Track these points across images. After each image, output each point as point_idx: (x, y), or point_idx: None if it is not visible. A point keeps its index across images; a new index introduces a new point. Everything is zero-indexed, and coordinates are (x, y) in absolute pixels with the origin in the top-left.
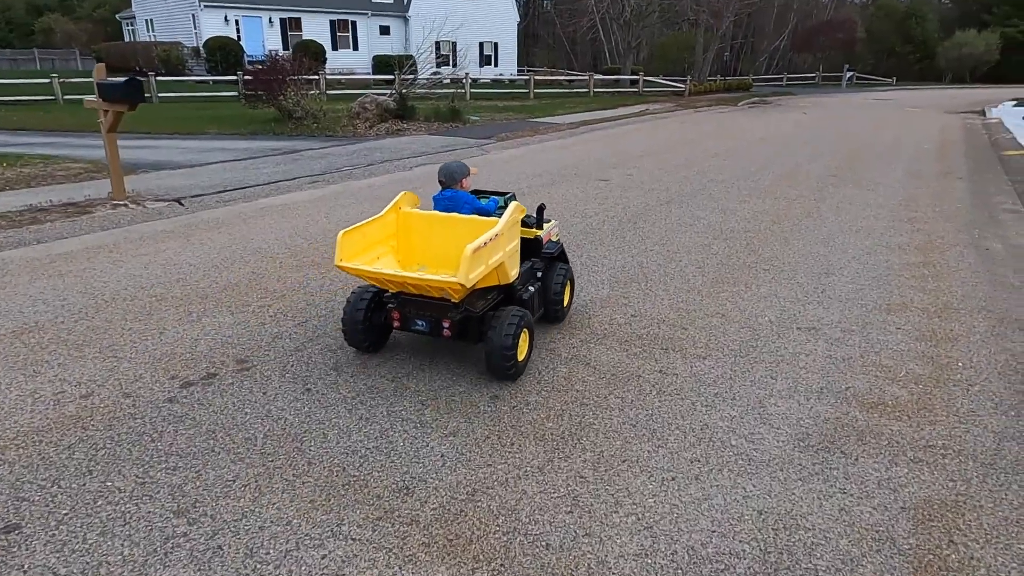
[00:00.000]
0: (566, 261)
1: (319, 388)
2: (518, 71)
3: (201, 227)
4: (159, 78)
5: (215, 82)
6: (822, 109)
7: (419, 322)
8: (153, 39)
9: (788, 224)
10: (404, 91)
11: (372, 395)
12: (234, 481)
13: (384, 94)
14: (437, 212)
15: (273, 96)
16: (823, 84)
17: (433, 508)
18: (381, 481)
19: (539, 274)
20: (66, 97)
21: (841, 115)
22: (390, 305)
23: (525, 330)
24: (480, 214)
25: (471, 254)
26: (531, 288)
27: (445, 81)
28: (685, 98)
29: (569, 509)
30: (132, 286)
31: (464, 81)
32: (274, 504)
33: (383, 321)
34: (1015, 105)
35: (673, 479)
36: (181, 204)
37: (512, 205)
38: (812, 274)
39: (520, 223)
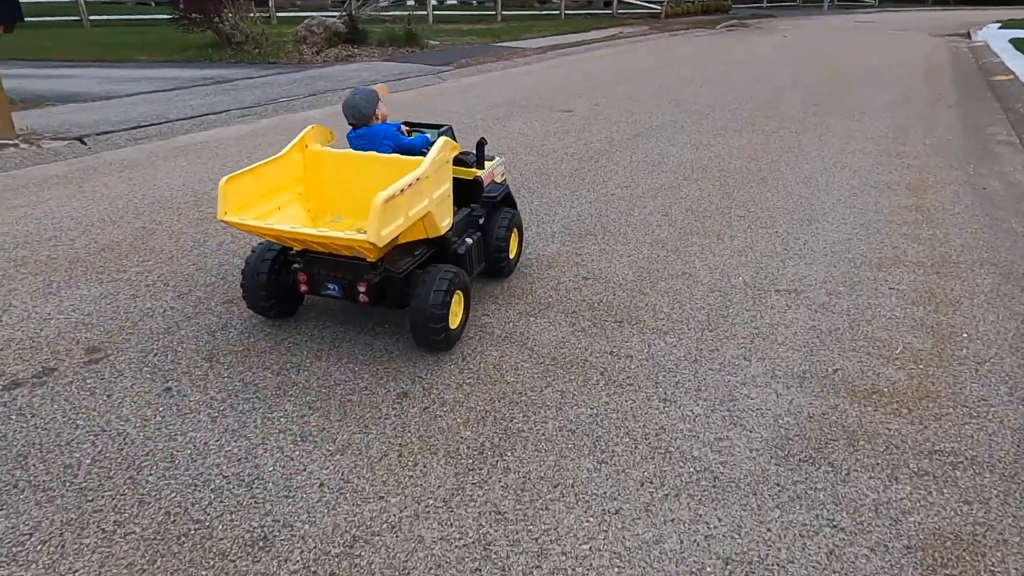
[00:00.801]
0: (513, 205)
1: (183, 386)
2: None
3: (100, 171)
4: None
5: (157, 3)
6: (803, 32)
7: (330, 286)
8: None
9: (766, 161)
10: (355, 13)
11: (248, 395)
12: (30, 535)
13: (333, 16)
14: (351, 151)
15: (207, 18)
16: (804, 6)
17: (294, 569)
18: (232, 528)
19: (480, 222)
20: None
21: (822, 38)
22: (296, 266)
23: (459, 291)
24: (404, 151)
25: (382, 204)
26: (468, 240)
27: (410, 3)
28: (661, 20)
29: (477, 566)
30: None
31: (427, 2)
32: (75, 573)
33: (290, 283)
34: (1000, 27)
35: (617, 512)
36: (83, 143)
37: (440, 141)
38: (793, 222)
39: (455, 162)
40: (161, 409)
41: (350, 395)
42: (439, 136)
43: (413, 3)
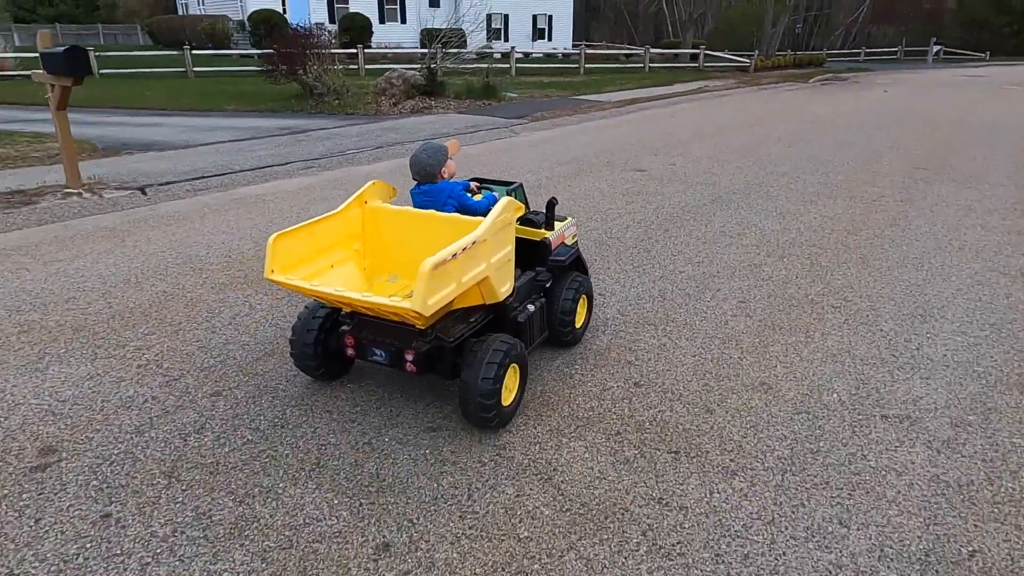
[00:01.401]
0: (584, 270)
1: (125, 514)
2: (573, 46)
3: (150, 223)
4: (202, 52)
5: (259, 56)
6: (905, 87)
7: (377, 351)
8: (203, 12)
9: (866, 236)
10: (433, 66)
11: (196, 533)
12: None
13: (414, 68)
14: (410, 209)
15: (292, 70)
16: (905, 60)
17: None
18: None
19: (547, 286)
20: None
21: (927, 93)
22: (344, 328)
23: (514, 365)
24: (468, 212)
25: (430, 272)
26: (531, 307)
27: (496, 56)
28: (750, 74)
29: None
30: (9, 306)
31: (510, 55)
32: None
33: (339, 346)
34: None
35: None
36: (144, 194)
37: (503, 201)
38: (902, 317)
39: (524, 223)
40: (89, 546)
41: (317, 543)
42: (506, 195)
43: (499, 56)
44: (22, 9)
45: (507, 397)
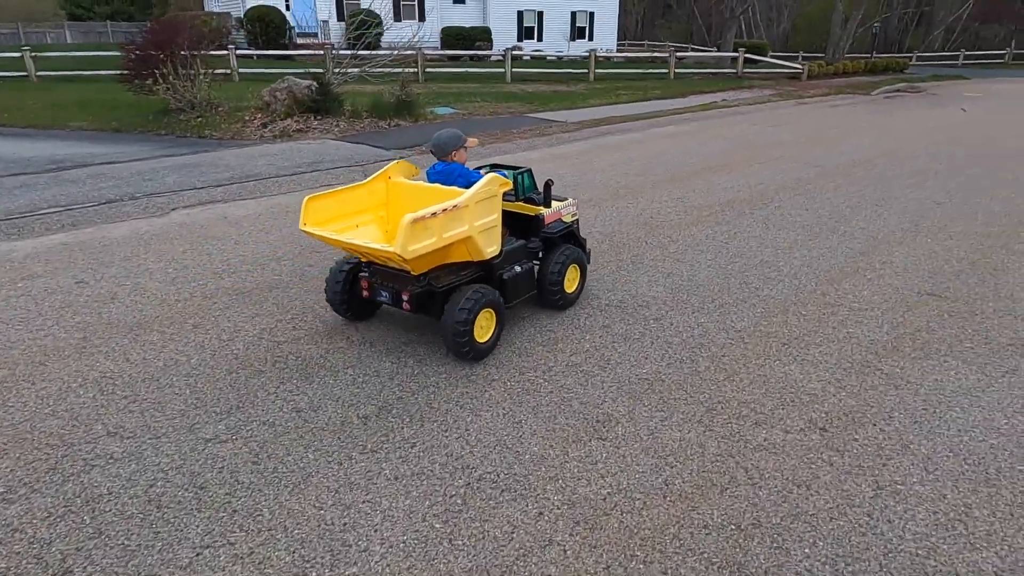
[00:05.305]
0: (577, 243)
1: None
2: (617, 46)
3: None
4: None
5: (259, 56)
6: (996, 100)
7: (383, 293)
8: (215, 10)
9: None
10: (328, 77)
11: None
12: None
13: (308, 79)
14: (424, 184)
15: (142, 77)
16: (1014, 64)
17: None
18: None
19: (539, 254)
20: (40, 73)
21: (1019, 110)
22: (362, 274)
23: (489, 309)
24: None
25: (409, 224)
26: (517, 268)
27: (494, 58)
28: (800, 83)
29: None
30: None
31: (505, 58)
32: None
33: (358, 290)
34: None
35: None
36: None
37: (486, 178)
38: None
39: (526, 201)
40: None
41: None
42: (518, 176)
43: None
44: (79, 7)
45: (482, 335)
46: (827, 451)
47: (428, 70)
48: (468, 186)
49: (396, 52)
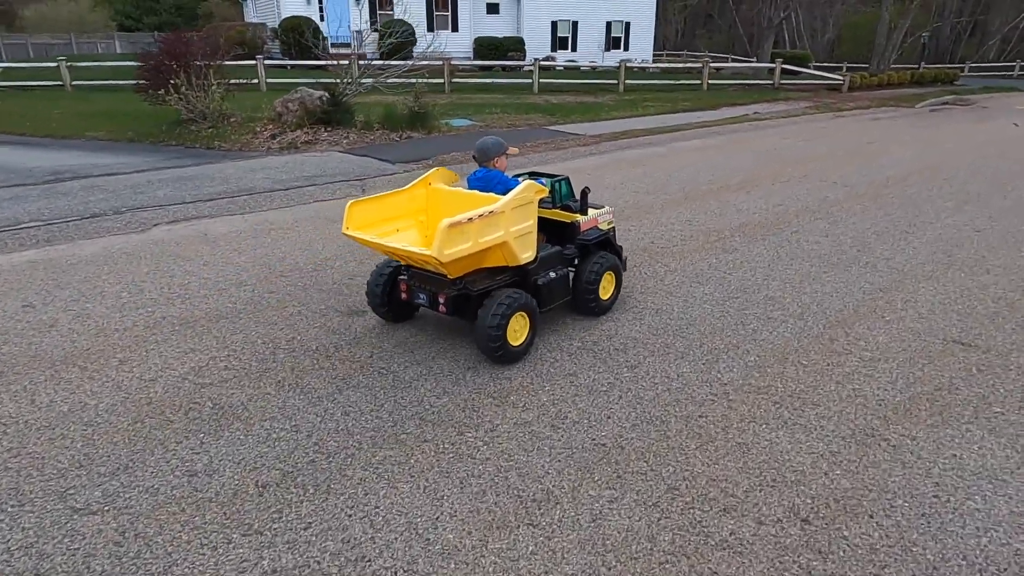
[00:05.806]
0: (613, 250)
1: None
2: (654, 56)
3: None
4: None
5: (293, 66)
6: None
7: (420, 295)
8: (255, 20)
9: None
10: (342, 87)
11: None
12: None
13: (321, 90)
14: (463, 190)
15: (155, 87)
16: None
17: None
18: None
19: (575, 261)
20: (75, 83)
21: None
22: (402, 277)
23: (521, 313)
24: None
25: (445, 228)
26: (551, 274)
27: (526, 68)
28: (840, 94)
29: None
30: None
31: (534, 69)
32: None
33: (397, 294)
34: None
35: None
36: None
37: (522, 184)
38: None
39: (563, 208)
40: None
41: None
42: (554, 183)
43: (529, 68)
44: (129, 18)
45: (515, 338)
46: (806, 552)
47: (455, 80)
48: (505, 193)
49: (411, 63)
